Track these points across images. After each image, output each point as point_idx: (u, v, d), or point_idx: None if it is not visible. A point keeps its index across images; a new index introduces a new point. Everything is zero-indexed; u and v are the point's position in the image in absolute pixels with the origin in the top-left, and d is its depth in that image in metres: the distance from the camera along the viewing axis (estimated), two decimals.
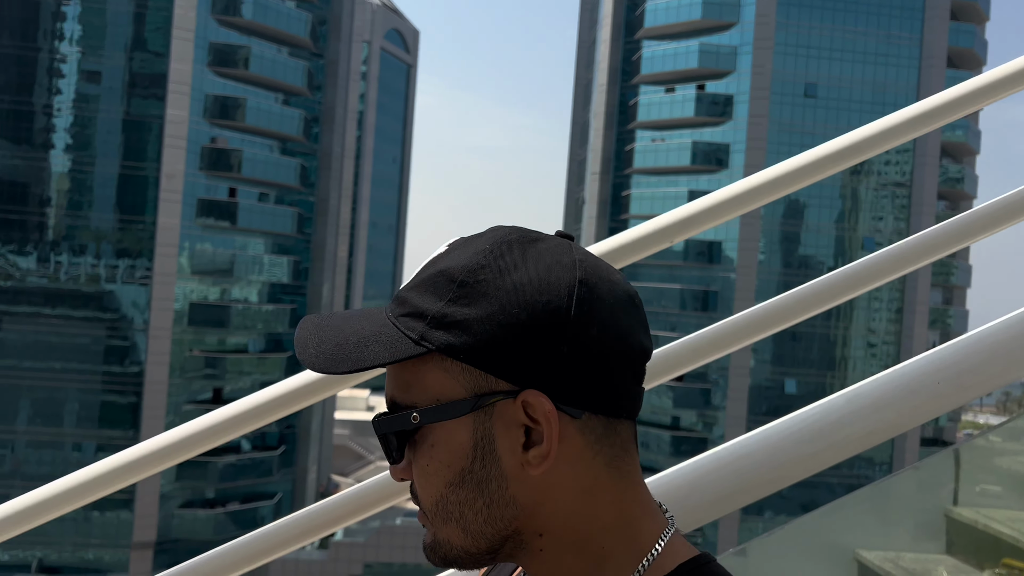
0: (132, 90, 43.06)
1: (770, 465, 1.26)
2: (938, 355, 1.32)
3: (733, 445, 1.27)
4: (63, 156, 42.87)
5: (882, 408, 1.28)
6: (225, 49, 44.62)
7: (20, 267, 42.51)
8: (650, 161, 48.72)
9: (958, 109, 1.41)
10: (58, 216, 42.98)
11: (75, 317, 42.72)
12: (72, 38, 42.72)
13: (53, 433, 42.32)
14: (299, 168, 48.09)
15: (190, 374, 44.43)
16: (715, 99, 46.98)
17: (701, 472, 1.25)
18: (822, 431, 1.28)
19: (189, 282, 44.41)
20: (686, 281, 47.29)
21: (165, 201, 42.63)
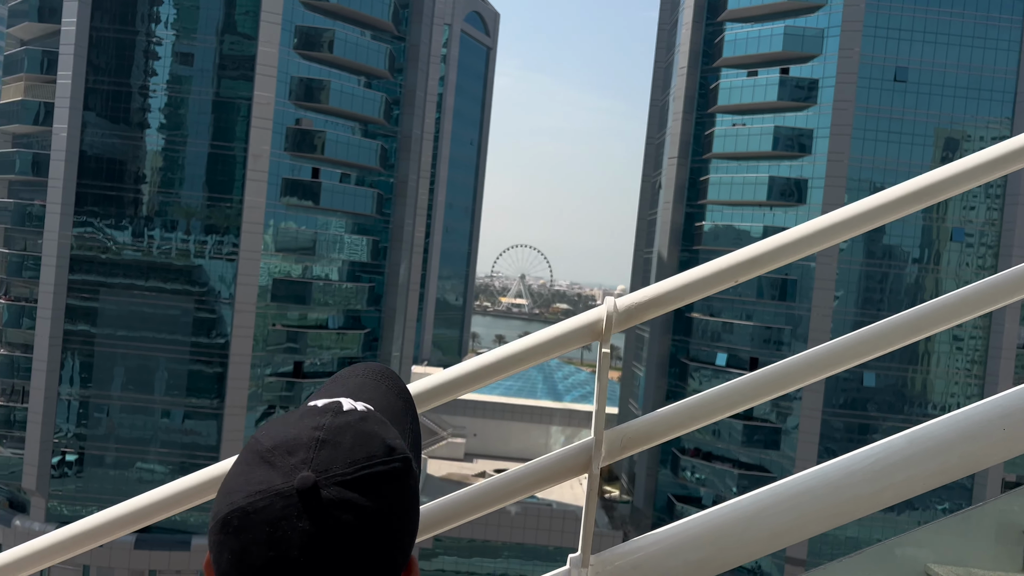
0: (222, 72, 44.34)
1: (830, 502, 1.31)
2: (1005, 399, 1.34)
3: (793, 481, 1.33)
4: (157, 135, 44.53)
5: (944, 452, 1.32)
6: (311, 32, 45.50)
7: (117, 241, 44.50)
8: (730, 146, 47.61)
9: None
10: (152, 193, 44.72)
11: (166, 290, 44.54)
12: (167, 21, 44.21)
13: (144, 399, 44.38)
14: (379, 150, 48.82)
15: (272, 347, 45.85)
16: (799, 83, 45.50)
17: (761, 506, 1.32)
18: (883, 472, 1.32)
19: (273, 259, 45.72)
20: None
21: (252, 180, 43.93)
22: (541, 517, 47.72)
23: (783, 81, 45.83)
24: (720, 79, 48.59)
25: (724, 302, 47.80)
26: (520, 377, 67.88)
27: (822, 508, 1.32)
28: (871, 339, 1.45)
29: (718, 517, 1.33)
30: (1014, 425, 1.31)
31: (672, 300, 1.37)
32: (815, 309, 43.91)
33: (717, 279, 1.37)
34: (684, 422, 1.37)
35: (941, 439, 1.32)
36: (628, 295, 1.38)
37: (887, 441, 1.35)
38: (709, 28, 49.50)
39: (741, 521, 1.32)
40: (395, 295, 50.75)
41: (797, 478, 1.34)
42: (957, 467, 1.32)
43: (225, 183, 44.56)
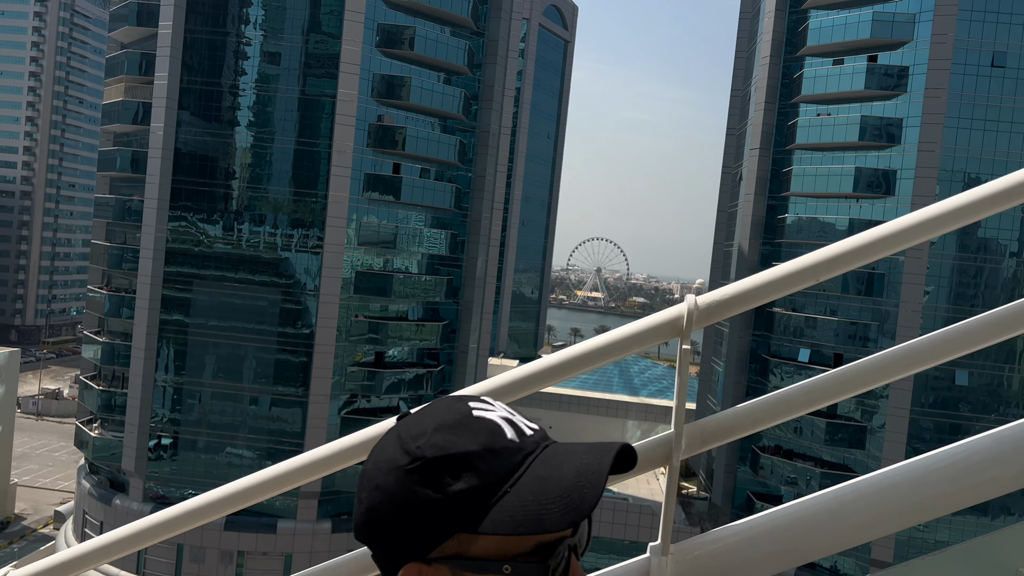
0: (308, 70, 45.55)
1: (911, 499, 1.42)
2: None
3: (875, 476, 1.45)
4: (246, 133, 46.07)
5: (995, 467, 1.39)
6: (392, 30, 46.26)
7: (209, 234, 46.29)
8: (814, 136, 46.24)
9: None
10: (241, 188, 46.30)
11: (254, 281, 46.12)
12: (256, 22, 45.64)
13: (234, 387, 46.11)
14: (458, 144, 49.33)
15: (355, 338, 46.96)
16: (888, 71, 43.80)
17: (842, 501, 1.44)
18: (967, 470, 1.40)
19: (356, 252, 46.76)
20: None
21: (336, 176, 45.04)
22: (617, 511, 47.59)
23: (871, 69, 44.22)
24: (804, 68, 47.24)
25: (807, 297, 46.57)
26: (596, 371, 67.66)
27: (903, 505, 1.41)
28: (959, 337, 1.49)
29: (799, 511, 1.45)
30: None
31: (753, 298, 1.47)
32: (903, 304, 42.36)
33: (799, 277, 1.47)
34: (764, 417, 1.49)
35: (989, 458, 1.40)
36: (709, 292, 1.49)
37: (972, 440, 1.43)
38: (793, 16, 48.16)
39: (822, 515, 1.43)
40: (472, 288, 51.29)
41: (880, 474, 1.45)
42: (1007, 484, 1.39)
43: (310, 178, 45.80)
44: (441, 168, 49.80)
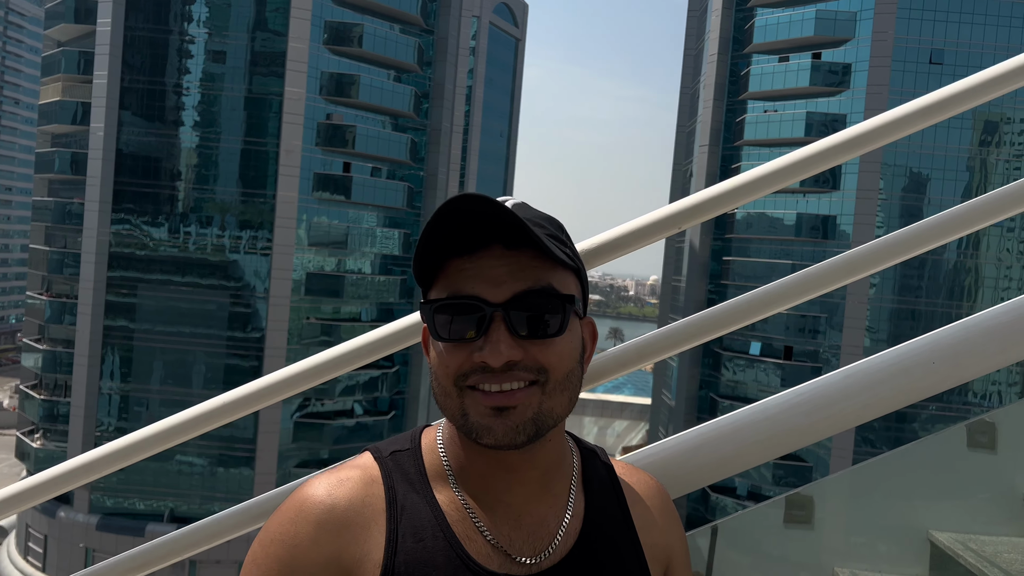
0: (254, 69, 44.92)
1: (770, 434, 1.39)
2: (936, 336, 1.42)
3: (736, 415, 1.42)
4: (191, 133, 45.25)
5: (877, 385, 1.39)
6: (340, 27, 45.88)
7: (154, 237, 45.37)
8: (762, 133, 47.12)
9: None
10: (187, 189, 45.48)
11: (202, 285, 45.32)
12: (200, 20, 44.86)
13: (183, 393, 45.24)
14: (409, 143, 49.13)
15: (307, 340, 46.44)
16: (832, 68, 44.84)
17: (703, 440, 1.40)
18: (820, 405, 1.40)
19: (306, 253, 46.26)
20: (798, 257, 45.72)
21: (284, 176, 44.49)
22: None
23: (815, 66, 45.21)
24: (751, 65, 48.08)
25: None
26: None
27: (763, 440, 1.40)
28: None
29: (665, 450, 1.42)
30: (942, 359, 1.38)
31: (620, 247, 1.46)
32: (850, 297, 43.34)
33: (662, 226, 1.45)
34: (631, 360, 1.46)
35: (875, 373, 1.40)
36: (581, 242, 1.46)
37: (827, 376, 1.43)
38: (739, 14, 48.98)
39: (686, 452, 1.41)
40: None
41: (740, 413, 1.43)
42: (889, 400, 1.39)
43: (258, 179, 45.18)
44: (393, 167, 49.54)
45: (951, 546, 1.62)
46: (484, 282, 0.96)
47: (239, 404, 1.57)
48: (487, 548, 1.00)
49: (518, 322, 0.95)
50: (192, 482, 44.54)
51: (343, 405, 47.65)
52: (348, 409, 47.75)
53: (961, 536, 1.65)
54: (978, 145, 43.17)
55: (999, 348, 1.39)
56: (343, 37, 45.95)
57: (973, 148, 43.19)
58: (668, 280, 59.30)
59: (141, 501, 44.25)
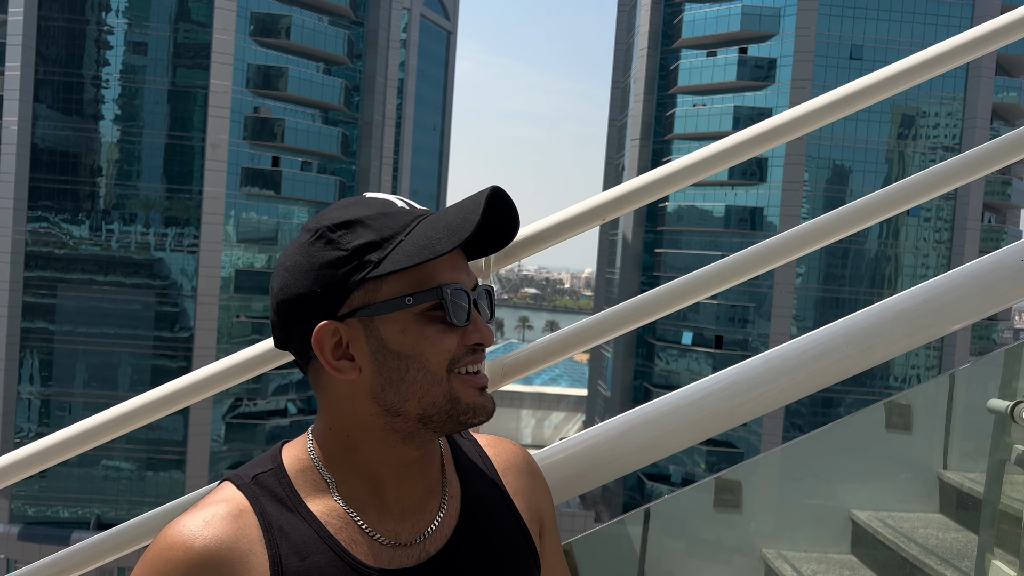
0: (177, 61, 43.66)
1: (692, 419, 1.43)
2: (849, 321, 1.47)
3: (660, 401, 1.45)
4: (112, 127, 43.77)
5: (794, 369, 1.44)
6: (267, 19, 44.93)
7: (74, 235, 43.75)
8: (691, 127, 48.06)
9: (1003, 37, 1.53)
10: (108, 186, 44.00)
11: (127, 284, 43.93)
12: (118, 10, 43.37)
13: (108, 396, 43.80)
14: (340, 137, 48.46)
15: (237, 339, 45.47)
16: (758, 63, 46.00)
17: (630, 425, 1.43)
18: (741, 390, 1.44)
19: (235, 250, 45.27)
20: (727, 248, 46.80)
21: (211, 171, 43.41)
22: None
23: (742, 61, 46.31)
24: (680, 60, 48.93)
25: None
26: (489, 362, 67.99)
27: (685, 425, 1.43)
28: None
29: (592, 438, 1.44)
30: (856, 343, 1.43)
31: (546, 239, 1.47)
32: (778, 286, 44.61)
33: (585, 218, 1.47)
34: (558, 350, 1.48)
35: (791, 358, 1.44)
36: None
37: (747, 362, 1.47)
38: (668, 9, 49.78)
39: (611, 440, 1.43)
40: None
41: (664, 399, 1.45)
42: (805, 383, 1.43)
43: (184, 174, 43.97)
44: (324, 161, 48.79)
45: (871, 524, 1.69)
46: (458, 270, 1.02)
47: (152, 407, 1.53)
48: (375, 548, 1.01)
49: (486, 307, 1.04)
50: (119, 487, 43.19)
51: (276, 404, 46.84)
52: (282, 408, 46.97)
53: (880, 514, 1.72)
54: (896, 138, 44.88)
55: (906, 332, 1.45)
56: (270, 29, 45.01)
57: (892, 141, 44.89)
58: (602, 272, 60.04)
59: (65, 508, 42.71)
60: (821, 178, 45.51)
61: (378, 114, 50.59)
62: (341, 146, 48.53)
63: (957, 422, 1.78)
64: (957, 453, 1.79)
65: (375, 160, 50.69)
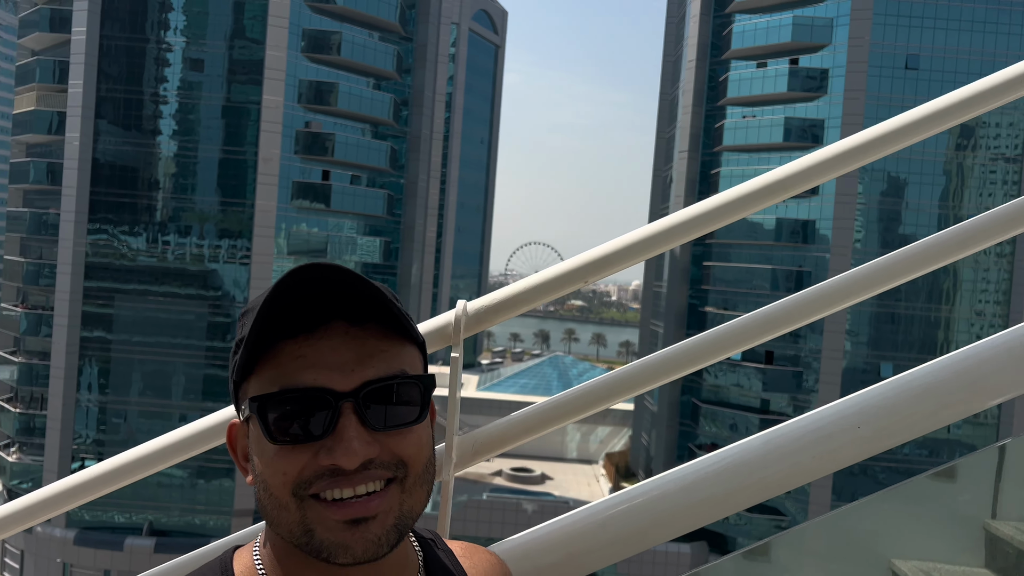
0: (232, 77, 44.63)
1: (683, 504, 1.29)
2: (860, 398, 1.32)
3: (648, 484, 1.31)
4: (169, 141, 44.89)
5: (798, 452, 1.29)
6: (318, 35, 45.69)
7: (132, 247, 44.90)
8: (740, 139, 47.33)
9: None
10: (165, 199, 45.08)
11: (181, 295, 44.89)
12: (177, 28, 44.53)
13: (162, 404, 44.73)
14: (389, 151, 48.95)
15: None
16: (810, 73, 45.13)
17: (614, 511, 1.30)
18: (737, 473, 1.29)
19: (286, 262, 45.93)
20: (778, 261, 45.95)
21: (262, 184, 44.20)
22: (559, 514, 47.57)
23: (793, 72, 45.48)
24: (729, 71, 48.31)
25: (739, 294, 47.57)
26: (535, 375, 67.78)
27: (676, 512, 1.29)
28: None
29: (573, 522, 1.32)
30: (868, 423, 1.28)
31: (523, 302, 1.35)
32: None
33: (567, 279, 1.35)
34: (536, 426, 1.35)
35: (796, 439, 1.30)
36: (478, 299, 1.36)
37: (744, 442, 1.33)
38: (717, 20, 49.20)
39: (594, 526, 1.30)
40: (408, 295, 50.90)
41: (651, 481, 1.32)
42: (811, 468, 1.29)
43: (237, 187, 44.86)
44: (373, 175, 49.32)
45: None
46: (327, 368, 0.81)
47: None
48: None
49: (373, 413, 0.82)
50: (172, 494, 44.02)
51: None
52: None
53: (924, 564, 1.58)
54: (955, 149, 43.57)
55: (930, 410, 1.29)
56: (321, 45, 45.75)
57: (950, 152, 43.58)
58: (649, 285, 59.41)
59: (120, 514, 43.66)
60: (875, 190, 44.39)
61: (426, 128, 51.00)
62: (390, 160, 49.01)
63: (1010, 468, 1.64)
64: (1009, 501, 1.64)
65: (423, 173, 51.06)
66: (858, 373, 44.35)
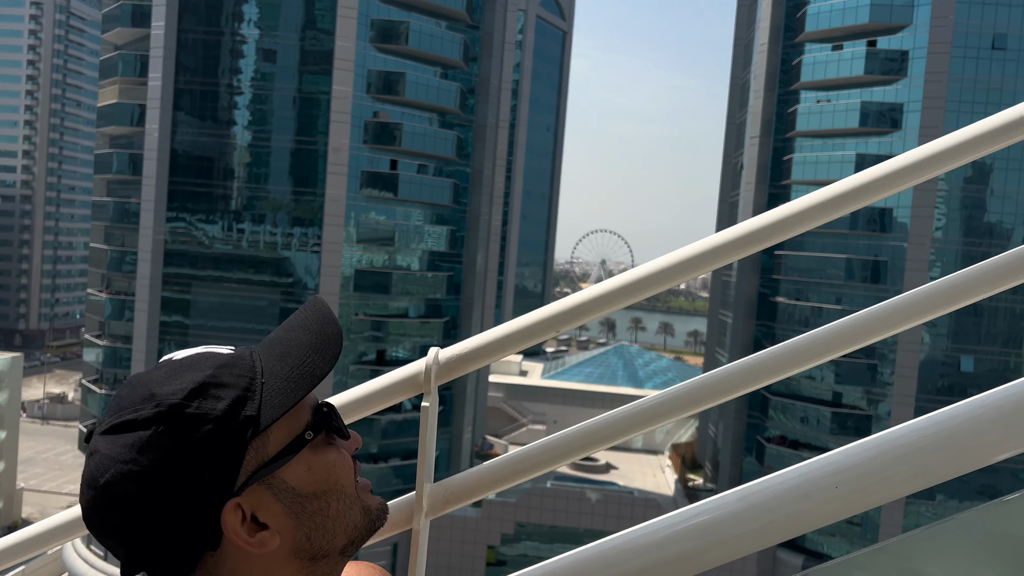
0: (303, 67, 45.51)
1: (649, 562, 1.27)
2: (839, 455, 1.27)
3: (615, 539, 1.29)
4: (243, 131, 46.09)
5: (774, 510, 1.25)
6: (386, 25, 46.14)
7: (208, 235, 46.36)
8: (815, 123, 45.92)
9: None
10: (239, 188, 46.36)
11: (254, 281, 46.19)
12: (251, 20, 45.61)
13: None
14: (455, 139, 49.23)
15: (356, 336, 46.97)
16: (888, 55, 43.41)
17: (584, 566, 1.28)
18: (708, 530, 1.27)
19: (355, 250, 46.75)
20: (853, 250, 44.57)
21: (332, 173, 45.04)
22: (622, 504, 47.54)
23: (870, 54, 43.85)
24: (803, 54, 46.90)
25: (811, 284, 46.39)
26: (600, 364, 67.52)
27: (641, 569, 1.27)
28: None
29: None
30: (847, 483, 1.23)
31: (493, 351, 1.35)
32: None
33: (538, 329, 1.34)
34: (508, 475, 1.35)
35: (772, 496, 1.26)
36: (449, 347, 1.36)
37: (717, 497, 1.29)
38: (790, 2, 47.79)
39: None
40: (473, 284, 51.22)
41: (618, 537, 1.30)
42: (787, 526, 1.25)
43: (308, 177, 45.81)
44: (439, 163, 49.71)
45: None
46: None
47: None
48: None
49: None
50: None
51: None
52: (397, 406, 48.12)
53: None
54: None
55: (911, 472, 1.24)
56: (389, 35, 46.21)
57: None
58: (719, 274, 58.39)
59: None
60: (958, 176, 42.59)
61: (492, 116, 51.07)
62: (456, 148, 49.29)
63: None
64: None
65: (488, 162, 51.20)
66: (937, 366, 42.79)
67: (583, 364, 68.07)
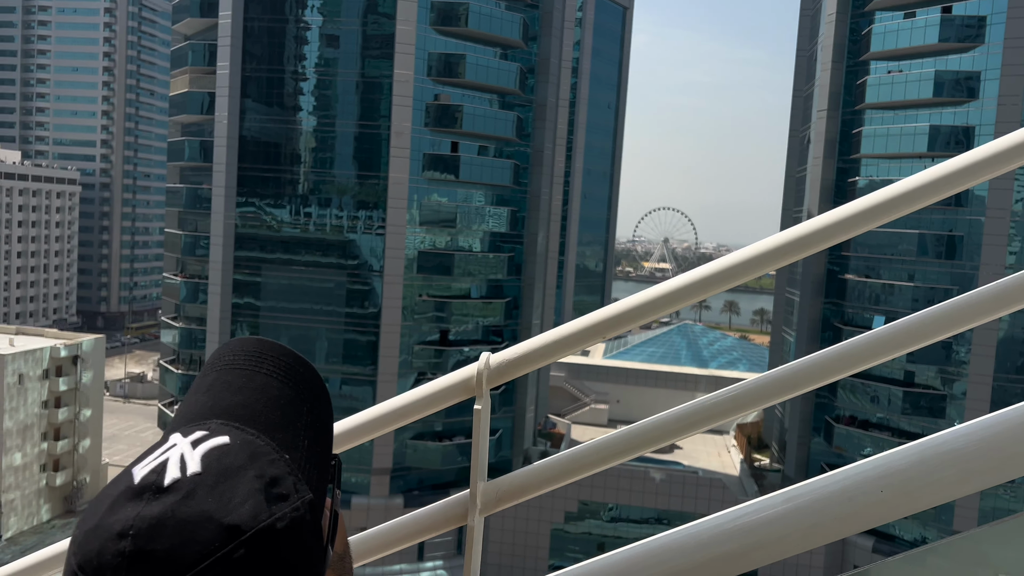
0: (366, 52, 45.96)
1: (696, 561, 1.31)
2: (886, 459, 1.29)
3: (659, 539, 1.34)
4: (309, 117, 46.88)
5: (820, 512, 1.28)
6: (446, 8, 46.20)
7: (276, 219, 47.44)
8: (885, 95, 44.28)
9: None
10: (306, 172, 47.23)
11: (321, 264, 47.14)
12: (313, 6, 46.20)
13: None
14: (516, 120, 49.12)
15: (420, 316, 47.58)
16: (965, 21, 41.50)
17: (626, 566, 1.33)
18: (754, 531, 1.30)
19: (418, 232, 47.24)
20: (927, 225, 43.06)
21: (395, 157, 45.51)
22: (687, 484, 47.27)
23: (945, 20, 41.99)
24: (873, 23, 45.19)
25: (882, 261, 45.01)
26: (664, 343, 66.98)
27: (688, 568, 1.32)
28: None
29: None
30: (892, 487, 1.25)
31: (544, 356, 1.40)
32: (984, 268, 40.48)
33: (590, 333, 1.38)
34: (559, 475, 1.40)
35: (818, 499, 1.29)
36: (501, 352, 1.42)
37: (764, 499, 1.33)
38: None
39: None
40: (534, 264, 51.25)
41: (665, 536, 1.35)
42: (832, 529, 1.28)
43: (372, 160, 46.39)
44: (499, 145, 49.73)
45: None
46: None
47: None
48: None
49: None
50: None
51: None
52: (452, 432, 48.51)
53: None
54: None
55: (958, 476, 1.25)
56: (449, 17, 46.27)
57: None
58: None
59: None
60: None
61: (552, 96, 50.76)
62: (516, 129, 49.19)
63: None
64: None
65: (548, 141, 50.98)
66: (1016, 344, 41.13)
67: (646, 343, 67.63)
